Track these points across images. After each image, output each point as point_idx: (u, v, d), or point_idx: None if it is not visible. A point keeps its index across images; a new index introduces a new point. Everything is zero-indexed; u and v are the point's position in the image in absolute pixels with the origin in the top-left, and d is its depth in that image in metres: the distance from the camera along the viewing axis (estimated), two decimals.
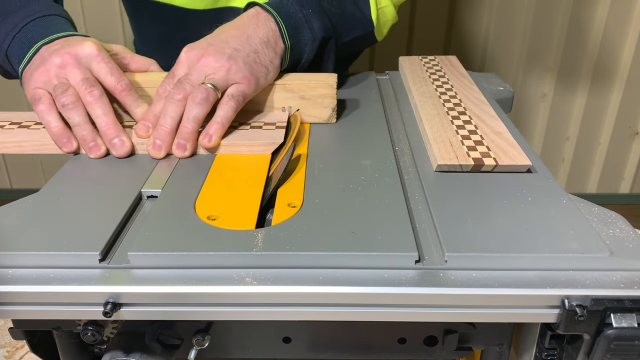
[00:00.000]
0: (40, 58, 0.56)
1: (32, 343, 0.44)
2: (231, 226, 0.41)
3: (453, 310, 0.37)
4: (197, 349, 0.42)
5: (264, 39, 0.60)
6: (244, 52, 0.57)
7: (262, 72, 0.58)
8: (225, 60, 0.56)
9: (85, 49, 0.55)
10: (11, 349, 0.63)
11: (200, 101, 0.53)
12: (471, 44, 1.73)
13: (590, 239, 0.39)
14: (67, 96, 0.53)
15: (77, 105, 0.53)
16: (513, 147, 0.51)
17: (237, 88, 0.56)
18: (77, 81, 0.54)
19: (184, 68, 0.57)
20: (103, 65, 0.56)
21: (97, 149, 0.54)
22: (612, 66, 1.75)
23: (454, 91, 0.66)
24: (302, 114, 0.61)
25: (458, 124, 0.56)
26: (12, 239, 0.40)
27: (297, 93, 0.61)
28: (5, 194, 1.97)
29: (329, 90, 0.60)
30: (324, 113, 0.61)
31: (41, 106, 0.54)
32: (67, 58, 0.55)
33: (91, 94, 0.54)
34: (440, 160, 0.49)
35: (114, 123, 0.54)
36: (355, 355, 0.45)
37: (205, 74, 0.55)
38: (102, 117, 0.54)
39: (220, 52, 0.56)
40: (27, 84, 0.56)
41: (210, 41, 0.58)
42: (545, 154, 1.90)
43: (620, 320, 0.36)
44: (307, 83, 0.60)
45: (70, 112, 0.53)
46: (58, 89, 0.54)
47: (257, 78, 0.58)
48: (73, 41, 0.57)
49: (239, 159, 0.53)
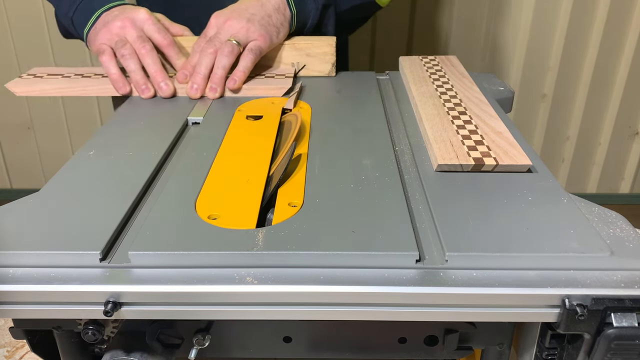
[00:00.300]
0: (102, 22, 0.72)
1: (32, 342, 0.44)
2: (232, 225, 0.41)
3: (453, 310, 0.37)
4: (197, 348, 0.42)
5: (275, 6, 0.74)
6: (259, 15, 0.72)
7: (274, 31, 0.73)
8: (245, 22, 0.71)
9: (140, 14, 0.71)
10: (11, 349, 0.63)
11: (227, 54, 0.69)
12: (471, 44, 1.73)
13: (591, 238, 0.39)
14: (126, 49, 0.69)
15: (133, 55, 0.69)
16: (513, 146, 0.51)
17: (255, 43, 0.71)
18: (134, 38, 0.69)
19: (213, 29, 0.72)
20: (153, 27, 0.71)
21: (147, 90, 0.69)
22: (612, 66, 1.75)
23: (454, 91, 0.66)
24: (307, 68, 0.76)
25: (458, 123, 0.56)
26: (13, 239, 0.40)
27: (304, 51, 0.76)
28: (5, 194, 1.97)
29: (329, 48, 0.75)
30: (325, 67, 0.76)
31: (105, 57, 0.69)
32: (125, 21, 0.70)
33: (144, 47, 0.69)
34: (440, 160, 0.49)
35: (161, 70, 0.69)
36: (355, 354, 0.45)
37: (230, 33, 0.70)
38: (152, 65, 0.69)
39: (241, 16, 0.71)
40: (94, 41, 0.72)
41: (233, 8, 0.73)
42: (545, 154, 1.90)
43: (621, 320, 0.36)
44: (312, 43, 0.76)
45: (128, 61, 0.68)
46: (119, 44, 0.69)
47: (270, 36, 0.72)
48: (128, 8, 0.72)
49: (243, 153, 0.53)
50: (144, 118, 0.63)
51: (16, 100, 1.80)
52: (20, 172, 1.97)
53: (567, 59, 1.74)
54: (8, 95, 1.79)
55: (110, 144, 0.56)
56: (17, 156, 1.93)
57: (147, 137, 0.58)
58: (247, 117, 0.63)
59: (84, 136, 1.87)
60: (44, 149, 1.92)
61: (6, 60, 1.74)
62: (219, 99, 0.69)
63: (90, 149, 0.55)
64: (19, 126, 1.87)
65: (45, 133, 1.88)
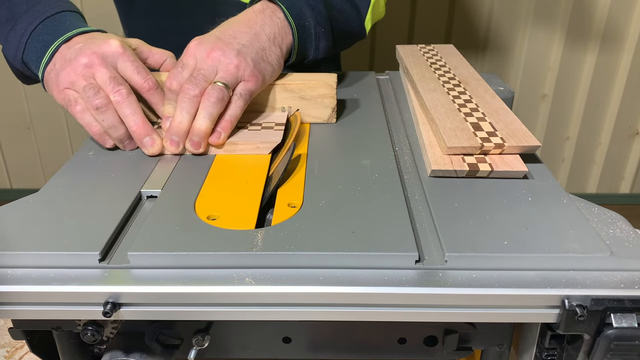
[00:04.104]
0: (62, 58, 0.56)
1: (31, 343, 0.44)
2: (231, 226, 0.41)
3: (453, 310, 0.37)
4: (197, 349, 0.42)
5: (270, 36, 0.61)
6: (252, 49, 0.58)
7: (268, 69, 0.59)
8: (234, 56, 0.56)
9: (110, 47, 0.56)
10: (11, 349, 0.63)
11: (216, 101, 0.54)
12: (471, 44, 1.73)
13: (591, 239, 0.39)
14: (99, 98, 0.53)
15: (109, 107, 0.54)
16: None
17: (245, 86, 0.57)
18: (105, 80, 0.54)
19: (192, 58, 0.57)
20: (129, 64, 0.56)
21: (132, 145, 0.56)
22: (612, 66, 1.75)
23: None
24: (302, 114, 0.61)
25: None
26: (12, 239, 0.40)
27: (297, 93, 0.61)
28: (5, 194, 1.97)
29: (329, 90, 0.60)
30: (323, 113, 0.62)
31: (78, 107, 0.55)
32: (93, 57, 0.55)
33: (119, 92, 0.54)
34: (434, 166, 0.48)
35: (142, 122, 0.54)
36: (355, 355, 0.44)
37: (215, 69, 0.56)
38: (130, 116, 0.54)
39: (229, 47, 0.56)
40: (54, 85, 0.56)
41: (219, 35, 0.58)
42: (545, 154, 1.90)
43: (621, 320, 0.36)
44: (307, 83, 0.60)
45: (104, 115, 0.54)
46: (89, 91, 0.54)
47: (263, 76, 0.58)
48: (96, 38, 0.57)
49: (238, 159, 0.53)
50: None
51: (16, 100, 1.81)
52: (20, 172, 1.97)
53: (567, 59, 1.74)
54: (8, 95, 1.79)
55: None
56: (17, 156, 1.93)
57: None
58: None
59: (84, 136, 1.87)
60: (44, 149, 1.92)
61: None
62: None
63: (90, 149, 0.55)
64: (19, 126, 1.87)
65: (45, 133, 1.88)
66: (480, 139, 0.50)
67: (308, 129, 0.60)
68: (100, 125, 0.54)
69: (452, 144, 0.49)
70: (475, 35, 1.72)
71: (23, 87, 1.78)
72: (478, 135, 0.51)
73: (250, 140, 0.55)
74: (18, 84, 1.78)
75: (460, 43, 1.72)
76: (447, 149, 0.49)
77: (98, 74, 0.54)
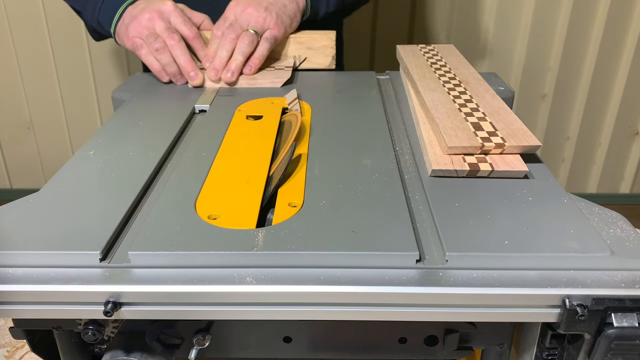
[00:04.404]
0: (130, 16, 0.76)
1: (32, 342, 0.44)
2: (232, 226, 0.41)
3: (454, 310, 0.37)
4: (197, 348, 0.42)
5: None
6: (276, 5, 0.78)
7: (288, 21, 0.79)
8: (262, 11, 0.76)
9: (165, 6, 0.75)
10: (11, 349, 0.63)
11: (248, 43, 0.74)
12: (471, 44, 1.73)
13: (591, 238, 0.39)
14: (158, 42, 0.73)
15: (165, 49, 0.73)
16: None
17: (270, 33, 0.77)
18: (162, 29, 0.74)
19: (231, 13, 0.77)
20: (179, 19, 0.75)
21: (182, 80, 0.75)
22: (612, 66, 1.75)
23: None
24: (308, 61, 0.81)
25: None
26: (13, 239, 0.40)
27: (305, 45, 0.81)
28: (5, 194, 1.96)
29: (329, 42, 0.80)
30: (325, 60, 0.81)
31: (143, 51, 0.74)
32: (153, 14, 0.74)
33: (173, 38, 0.74)
34: (435, 165, 0.48)
35: (189, 61, 0.74)
36: (355, 354, 0.44)
37: (248, 21, 0.76)
38: (181, 56, 0.74)
39: (259, 5, 0.77)
40: (125, 35, 0.76)
41: None
42: (545, 154, 1.90)
43: (621, 320, 0.36)
44: (313, 36, 0.81)
45: (161, 55, 0.73)
46: (150, 38, 0.73)
47: (285, 25, 0.78)
48: (153, 1, 0.76)
49: (239, 158, 0.53)
50: (144, 118, 0.63)
51: (16, 100, 1.80)
52: (20, 172, 1.97)
53: (567, 59, 1.74)
54: (8, 95, 1.79)
55: (110, 144, 0.56)
56: (17, 156, 1.93)
57: (147, 137, 0.58)
58: (247, 117, 0.63)
59: (84, 136, 1.87)
60: (44, 149, 1.92)
61: (6, 60, 1.74)
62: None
63: (90, 149, 0.55)
64: (19, 126, 1.87)
65: (45, 133, 1.88)
66: (481, 139, 0.50)
67: (308, 129, 0.60)
68: (159, 63, 0.74)
69: (453, 144, 0.49)
70: (475, 35, 1.72)
71: (23, 87, 1.78)
72: (478, 135, 0.51)
73: (267, 77, 0.75)
74: (18, 84, 1.78)
75: (460, 43, 1.72)
76: (448, 149, 0.49)
77: (157, 26, 0.74)
